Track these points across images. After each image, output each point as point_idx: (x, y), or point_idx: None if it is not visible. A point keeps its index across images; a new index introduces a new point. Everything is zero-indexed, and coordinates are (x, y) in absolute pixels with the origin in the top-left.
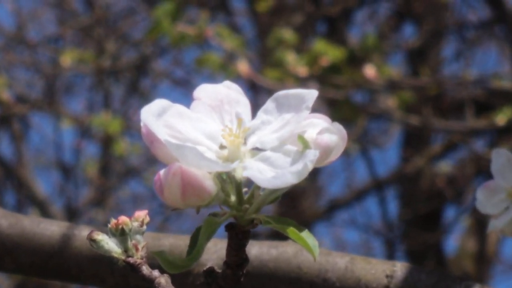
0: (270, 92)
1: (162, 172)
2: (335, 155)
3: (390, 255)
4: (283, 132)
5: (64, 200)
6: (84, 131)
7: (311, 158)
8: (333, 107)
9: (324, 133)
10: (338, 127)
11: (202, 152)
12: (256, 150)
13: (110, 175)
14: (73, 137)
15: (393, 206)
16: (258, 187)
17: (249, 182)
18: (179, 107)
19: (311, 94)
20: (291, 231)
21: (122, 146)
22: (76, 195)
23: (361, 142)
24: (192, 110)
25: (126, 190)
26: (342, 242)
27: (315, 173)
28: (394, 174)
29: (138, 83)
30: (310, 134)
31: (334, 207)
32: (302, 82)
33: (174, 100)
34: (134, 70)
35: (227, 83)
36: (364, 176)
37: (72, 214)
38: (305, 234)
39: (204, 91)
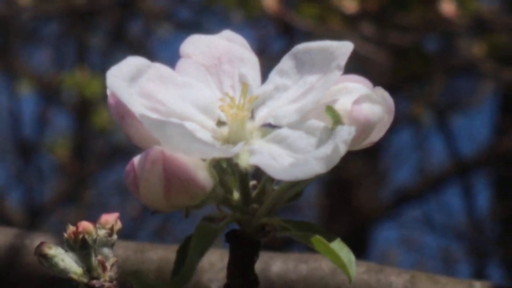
0: (308, 37)
1: (136, 159)
2: (378, 133)
3: (479, 268)
4: (305, 101)
5: (24, 193)
6: (50, 96)
7: (344, 138)
8: (397, 58)
9: (362, 103)
10: (382, 93)
11: (192, 131)
12: (268, 127)
13: (88, 158)
14: (35, 104)
15: (483, 199)
16: (272, 180)
17: (258, 173)
18: (160, 68)
19: (344, 47)
20: (317, 241)
21: (105, 116)
22: (40, 186)
23: (438, 108)
24: (179, 72)
25: (111, 178)
26: (413, 248)
27: (375, 154)
28: (485, 153)
29: (125, 28)
30: (343, 104)
31: (401, 200)
32: (350, 21)
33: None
34: (119, 10)
35: (228, 33)
36: (443, 157)
37: (35, 213)
38: (337, 245)
39: (195, 46)
